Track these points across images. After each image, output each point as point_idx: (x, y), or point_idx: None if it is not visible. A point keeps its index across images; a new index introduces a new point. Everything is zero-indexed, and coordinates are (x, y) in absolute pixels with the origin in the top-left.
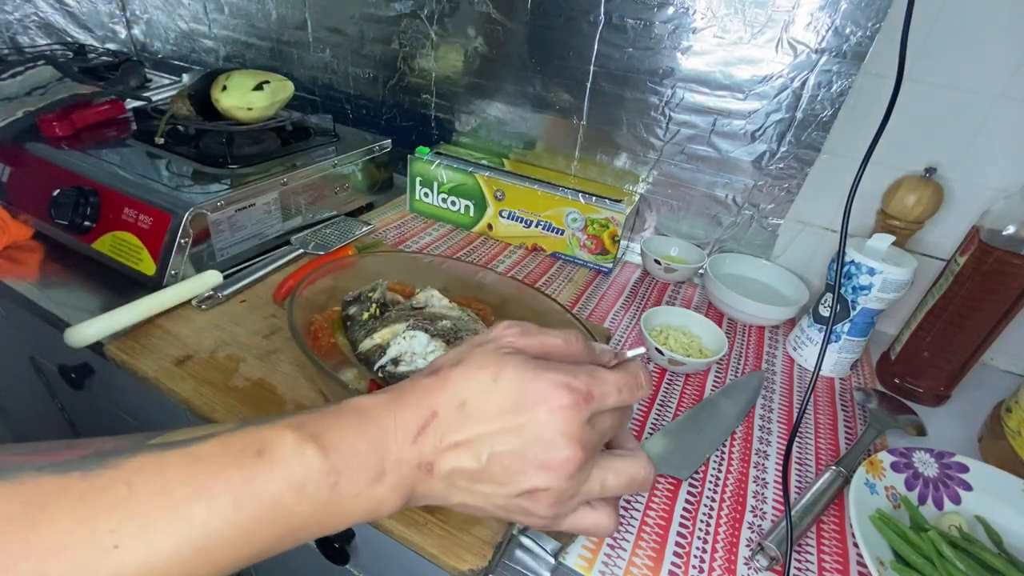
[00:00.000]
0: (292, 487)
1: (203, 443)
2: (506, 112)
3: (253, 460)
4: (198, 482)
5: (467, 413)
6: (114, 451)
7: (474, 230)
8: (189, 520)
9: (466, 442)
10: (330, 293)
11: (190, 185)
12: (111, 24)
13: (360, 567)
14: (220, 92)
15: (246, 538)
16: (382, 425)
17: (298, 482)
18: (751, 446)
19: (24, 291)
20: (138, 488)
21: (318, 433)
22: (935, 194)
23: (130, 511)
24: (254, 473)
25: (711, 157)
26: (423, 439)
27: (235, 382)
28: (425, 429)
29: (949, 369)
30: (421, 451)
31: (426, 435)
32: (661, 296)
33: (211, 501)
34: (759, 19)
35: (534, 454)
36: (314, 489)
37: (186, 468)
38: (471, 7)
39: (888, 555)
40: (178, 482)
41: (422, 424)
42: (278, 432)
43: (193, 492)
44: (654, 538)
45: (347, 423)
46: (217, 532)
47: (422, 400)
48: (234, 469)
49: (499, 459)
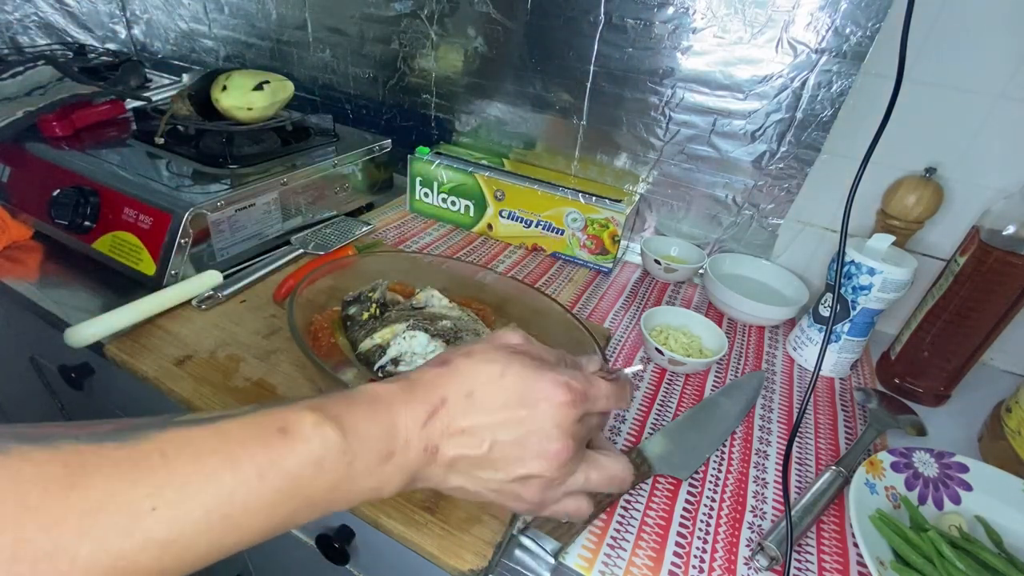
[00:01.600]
0: (312, 463)
1: (230, 420)
2: (506, 112)
3: (277, 437)
4: (226, 453)
5: (474, 403)
6: (144, 425)
7: (474, 230)
8: (219, 488)
9: (471, 429)
10: (330, 293)
11: (190, 185)
12: (111, 24)
13: (360, 567)
14: (220, 92)
15: (268, 509)
16: (394, 411)
17: (317, 459)
18: (751, 446)
19: (24, 291)
20: (172, 456)
21: (336, 415)
22: (935, 194)
23: (165, 477)
24: (278, 448)
25: (711, 157)
26: (431, 424)
27: (235, 382)
28: (434, 415)
29: (949, 369)
30: (429, 435)
31: (435, 420)
32: (661, 296)
33: (238, 471)
34: (759, 19)
35: (532, 444)
36: (331, 466)
37: (215, 441)
38: (471, 7)
39: (888, 555)
40: (208, 452)
41: (431, 411)
42: (300, 413)
43: (222, 462)
44: (654, 538)
45: (362, 407)
46: (242, 501)
47: (432, 388)
48: (259, 444)
49: (500, 447)
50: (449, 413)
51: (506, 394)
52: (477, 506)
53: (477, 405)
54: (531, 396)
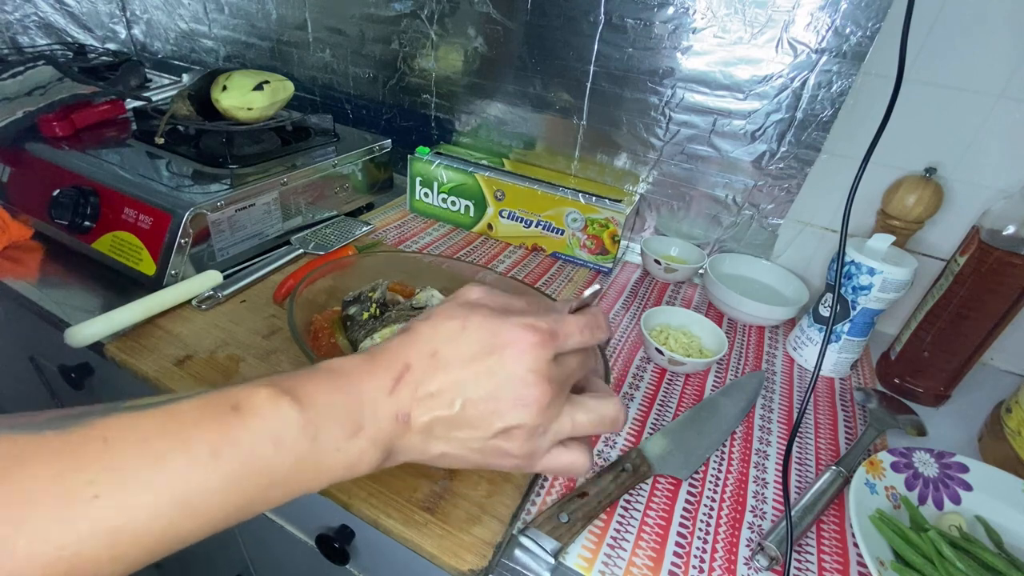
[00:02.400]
0: (269, 439)
1: (180, 402)
2: (506, 112)
3: (228, 414)
4: (175, 434)
5: (439, 362)
6: (88, 412)
7: (474, 230)
8: (169, 472)
9: (440, 389)
10: (330, 293)
11: (190, 185)
12: (111, 24)
13: (360, 567)
14: (220, 92)
15: (228, 489)
16: (355, 380)
17: (275, 434)
18: (751, 446)
19: (24, 291)
20: (115, 442)
21: (291, 387)
22: (935, 194)
23: (108, 463)
24: (230, 424)
25: (711, 157)
26: (399, 391)
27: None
28: (400, 381)
29: (949, 369)
30: (397, 402)
31: (401, 386)
32: (661, 296)
33: (189, 452)
34: (759, 19)
35: (506, 393)
36: (292, 441)
37: (163, 423)
38: (471, 7)
39: (888, 555)
40: (155, 435)
41: (396, 376)
42: (251, 389)
43: (171, 444)
44: (654, 538)
45: (320, 379)
46: (198, 483)
47: (395, 355)
48: (210, 421)
49: (473, 403)
50: (415, 377)
51: (470, 347)
52: (477, 506)
53: (443, 363)
54: (496, 344)
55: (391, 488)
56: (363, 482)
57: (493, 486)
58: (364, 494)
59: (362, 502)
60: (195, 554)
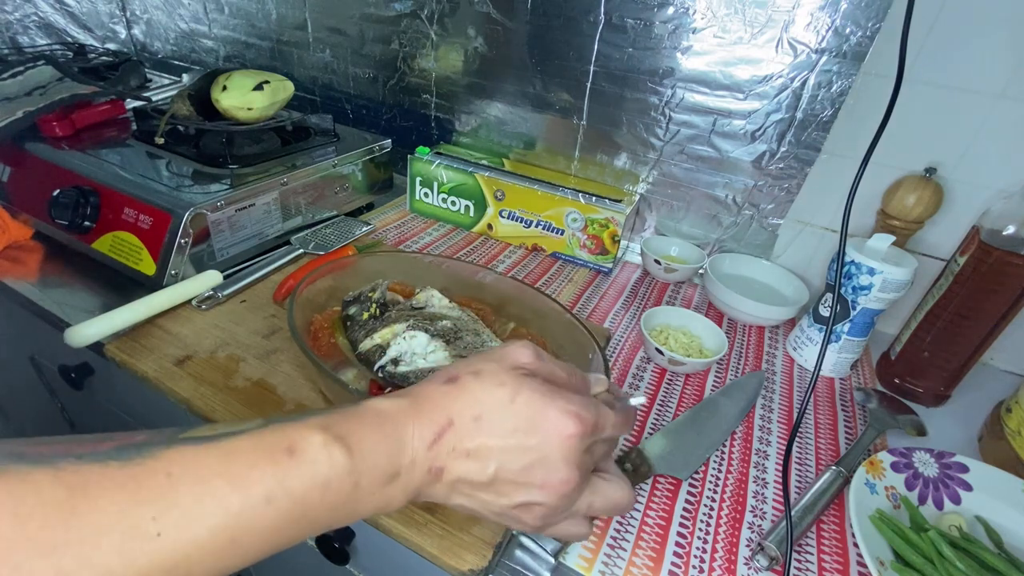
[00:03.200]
0: (319, 485)
1: (236, 438)
2: (506, 112)
3: (284, 457)
4: (233, 474)
5: (481, 426)
6: (149, 443)
7: (474, 230)
8: (226, 510)
9: (477, 453)
10: (330, 293)
11: (190, 185)
12: (111, 24)
13: (360, 567)
14: (220, 92)
15: (273, 530)
16: (401, 430)
17: (324, 480)
18: (751, 446)
19: (24, 291)
20: (177, 477)
21: (344, 434)
22: (935, 194)
23: (172, 499)
24: (286, 469)
25: (711, 157)
26: (438, 445)
27: (235, 382)
28: (441, 437)
29: (949, 369)
30: (435, 456)
31: (441, 443)
32: (661, 296)
33: (246, 493)
34: (759, 19)
35: (536, 474)
36: (337, 487)
37: (222, 461)
38: (471, 7)
39: (888, 555)
40: (216, 474)
41: (438, 432)
42: (307, 432)
43: (229, 483)
44: (654, 538)
45: (369, 426)
46: (248, 523)
47: (439, 407)
48: (267, 464)
49: (505, 473)
50: (456, 435)
51: (515, 421)
52: None
53: (485, 429)
54: (540, 426)
55: None
56: None
57: None
58: None
59: None
60: None
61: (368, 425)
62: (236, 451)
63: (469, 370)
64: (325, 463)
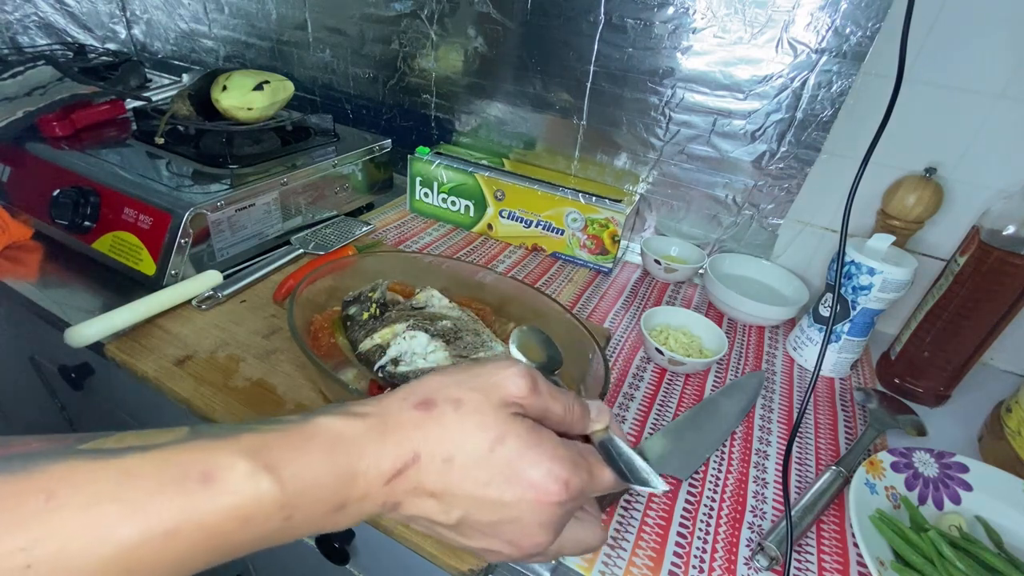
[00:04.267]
0: (237, 519)
1: (143, 455)
2: (506, 112)
3: (196, 485)
4: (130, 501)
5: (452, 471)
6: (41, 453)
7: (474, 230)
8: (116, 543)
9: (441, 496)
10: (330, 293)
11: (190, 185)
12: (111, 24)
13: (360, 567)
14: (220, 92)
15: (179, 562)
16: (355, 459)
17: (246, 515)
18: (751, 446)
19: (24, 291)
20: (59, 500)
21: (277, 463)
22: (935, 194)
23: (48, 527)
24: (196, 501)
25: (711, 157)
26: (397, 482)
27: (235, 382)
28: (402, 473)
29: (949, 369)
30: (391, 492)
31: (402, 479)
32: (661, 296)
33: (144, 524)
34: (759, 19)
35: (506, 531)
36: (263, 520)
37: (119, 482)
38: (471, 7)
39: (888, 555)
40: (107, 498)
41: (400, 467)
42: (231, 456)
43: (123, 512)
44: (654, 538)
45: (315, 452)
46: (147, 556)
47: (406, 437)
48: (174, 492)
49: (470, 522)
50: (420, 473)
51: (491, 473)
52: None
53: (455, 476)
54: (519, 485)
55: None
56: None
57: None
58: None
59: None
60: None
61: (314, 451)
62: (138, 472)
63: (449, 396)
64: (249, 495)
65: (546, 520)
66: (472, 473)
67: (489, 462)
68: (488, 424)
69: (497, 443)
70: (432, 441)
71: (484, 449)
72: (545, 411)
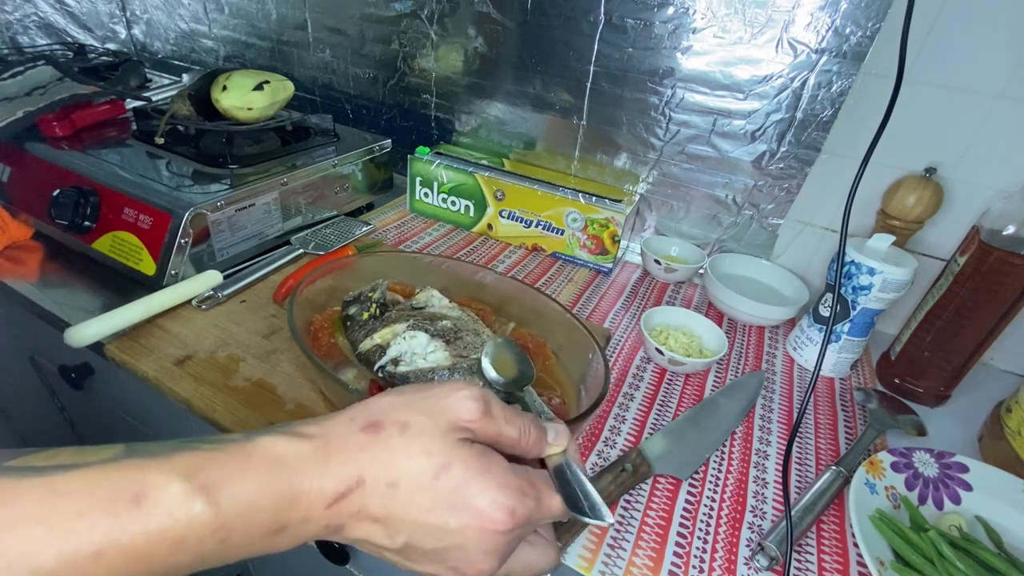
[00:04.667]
0: (169, 541)
1: (72, 474)
2: (506, 112)
3: (127, 507)
4: (54, 521)
5: (396, 496)
6: None
7: (474, 230)
8: (39, 565)
9: (385, 521)
10: (330, 293)
11: (190, 185)
12: (111, 24)
13: (360, 567)
14: (220, 92)
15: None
16: (296, 482)
17: (177, 537)
18: (751, 446)
19: (24, 291)
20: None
21: (213, 484)
22: (935, 194)
23: None
24: (125, 523)
25: (711, 157)
26: (340, 506)
27: (235, 382)
28: (346, 497)
29: (949, 369)
30: (334, 516)
31: (344, 503)
32: (661, 296)
33: (69, 546)
34: (759, 19)
35: (451, 558)
36: (196, 543)
37: (43, 502)
38: (471, 7)
39: (888, 555)
40: (31, 517)
41: (344, 491)
42: (165, 477)
43: (48, 533)
44: (654, 538)
45: (254, 475)
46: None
47: (351, 460)
48: (101, 513)
49: (414, 548)
50: (364, 498)
51: (435, 500)
52: None
53: (400, 501)
54: (464, 513)
55: None
56: None
57: None
58: None
59: None
60: None
61: (253, 473)
62: (66, 491)
63: (397, 419)
64: (181, 519)
65: (491, 548)
66: (416, 499)
67: (434, 489)
68: (434, 450)
69: (442, 470)
70: (377, 465)
71: (429, 476)
72: (498, 435)
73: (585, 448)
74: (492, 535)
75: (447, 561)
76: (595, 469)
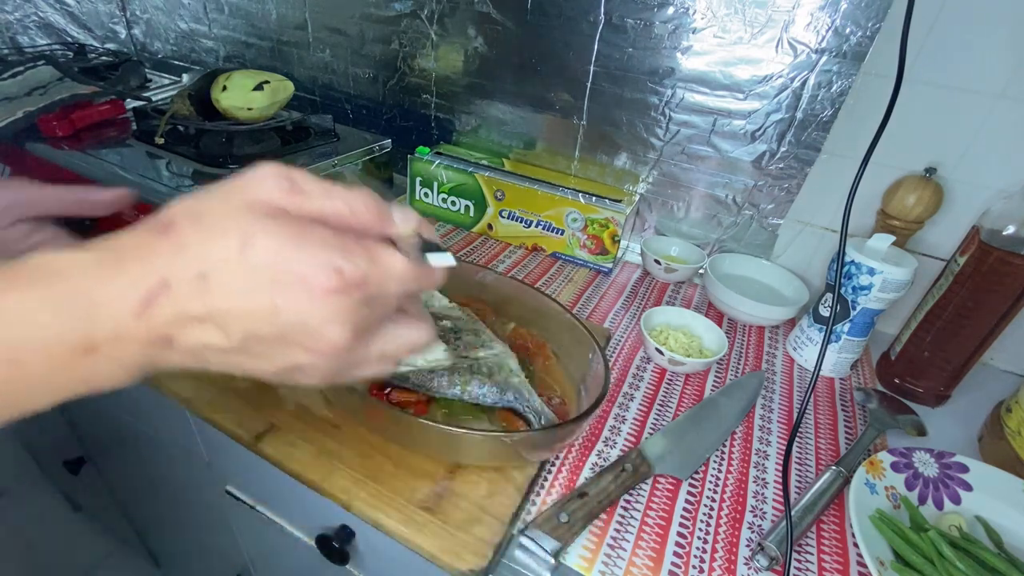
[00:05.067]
0: None
1: None
2: (506, 112)
3: None
4: None
5: (209, 287)
6: None
7: (474, 230)
8: None
9: (212, 317)
10: None
11: (190, 185)
12: (111, 24)
13: (360, 567)
14: (220, 92)
15: None
16: (81, 292)
17: None
18: (751, 446)
19: None
20: None
21: None
22: (935, 194)
23: None
24: None
25: (711, 157)
26: (152, 312)
27: (236, 382)
28: (153, 301)
29: (949, 369)
30: (151, 326)
31: (156, 308)
32: (661, 296)
33: None
34: (759, 19)
35: (296, 337)
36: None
37: None
38: (471, 7)
39: (888, 555)
40: None
41: (147, 296)
42: None
43: None
44: (654, 538)
45: (26, 287)
46: None
47: (147, 265)
48: None
49: (256, 340)
50: (175, 299)
51: (252, 276)
52: (477, 506)
53: (215, 291)
54: (287, 284)
55: (391, 488)
56: (363, 482)
57: (493, 486)
58: (364, 494)
59: (362, 502)
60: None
61: (25, 287)
62: None
63: (188, 213)
64: None
65: (331, 315)
66: (232, 284)
67: (242, 266)
68: (229, 228)
69: (245, 245)
70: (179, 264)
71: (234, 254)
72: (320, 212)
73: (585, 448)
74: (326, 299)
75: (293, 342)
76: (595, 469)
